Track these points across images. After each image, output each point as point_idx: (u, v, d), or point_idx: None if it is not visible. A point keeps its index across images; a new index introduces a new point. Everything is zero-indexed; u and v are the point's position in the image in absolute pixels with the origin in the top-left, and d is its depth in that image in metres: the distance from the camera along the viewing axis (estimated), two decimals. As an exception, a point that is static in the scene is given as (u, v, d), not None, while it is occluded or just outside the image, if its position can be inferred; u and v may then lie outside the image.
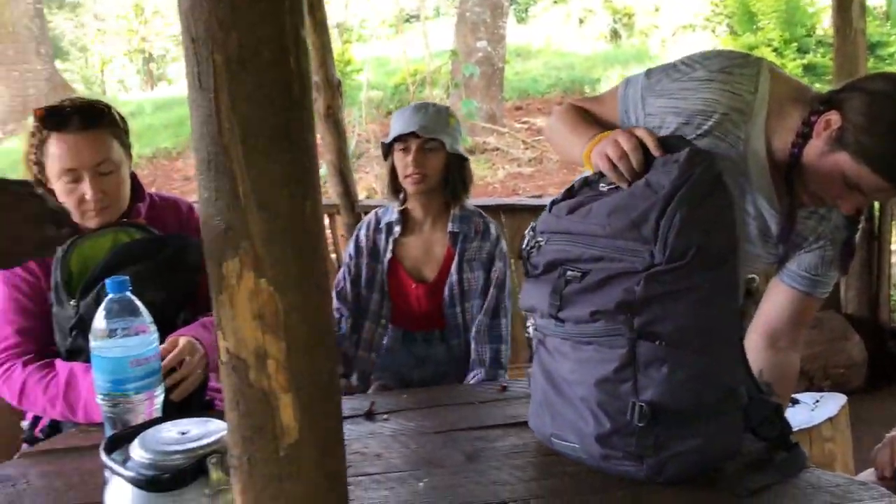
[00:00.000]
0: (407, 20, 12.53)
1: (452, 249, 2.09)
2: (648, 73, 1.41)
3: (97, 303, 1.57)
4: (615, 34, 12.90)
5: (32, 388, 1.55)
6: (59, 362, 1.59)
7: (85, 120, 1.56)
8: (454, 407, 1.50)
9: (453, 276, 2.07)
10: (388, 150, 2.11)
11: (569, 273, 1.20)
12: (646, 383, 1.13)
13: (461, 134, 2.19)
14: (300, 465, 0.73)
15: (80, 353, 1.60)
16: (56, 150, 1.55)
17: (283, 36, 0.68)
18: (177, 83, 14.05)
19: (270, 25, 0.67)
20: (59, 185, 1.58)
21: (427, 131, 2.01)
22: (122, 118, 1.67)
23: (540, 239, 1.28)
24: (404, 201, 2.14)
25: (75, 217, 1.60)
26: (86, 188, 1.56)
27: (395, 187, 2.12)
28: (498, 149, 7.77)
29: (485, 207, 2.29)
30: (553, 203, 1.31)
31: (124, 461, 0.97)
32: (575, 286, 1.19)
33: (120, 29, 15.75)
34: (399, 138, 2.05)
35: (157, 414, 1.20)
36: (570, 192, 1.31)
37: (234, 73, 0.67)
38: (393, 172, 2.11)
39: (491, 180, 7.12)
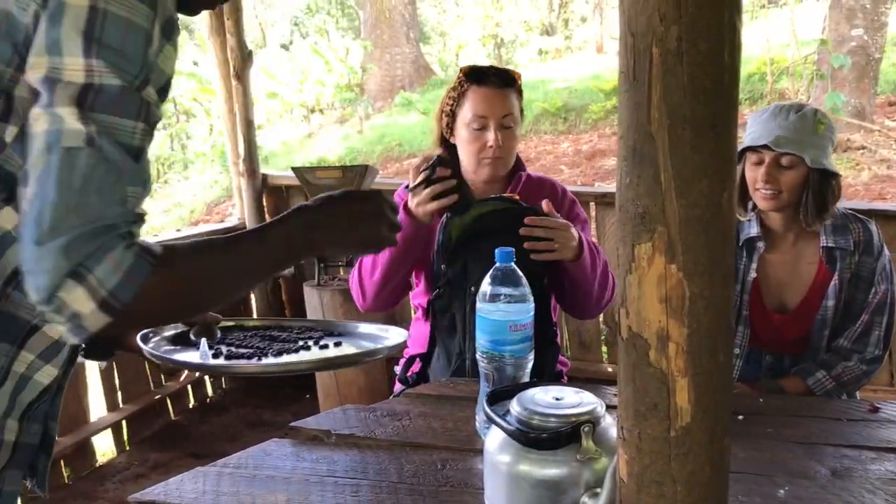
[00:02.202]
0: (763, 6, 11.76)
1: (827, 269, 1.80)
2: None
3: (463, 268, 1.74)
4: None
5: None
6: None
7: (501, 79, 1.87)
8: (817, 420, 1.42)
9: (828, 302, 1.80)
10: (739, 154, 1.85)
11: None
12: None
13: (833, 140, 1.83)
14: (689, 448, 0.75)
15: (439, 309, 1.79)
16: (472, 99, 1.86)
17: (720, 28, 0.69)
18: (523, 68, 14.67)
19: (710, 18, 0.69)
20: (465, 133, 1.88)
21: (783, 144, 1.72)
22: (522, 91, 1.94)
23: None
24: (755, 212, 1.88)
25: (471, 167, 1.89)
26: (489, 136, 1.84)
27: (744, 198, 1.87)
28: (864, 147, 7.01)
29: (853, 211, 1.91)
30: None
31: (504, 415, 1.07)
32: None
33: (477, 15, 16.79)
34: (751, 147, 1.80)
35: (526, 378, 1.30)
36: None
37: (670, 66, 0.70)
38: (743, 181, 1.85)
39: (853, 182, 6.45)
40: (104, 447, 3.40)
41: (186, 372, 3.75)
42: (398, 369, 1.93)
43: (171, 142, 11.68)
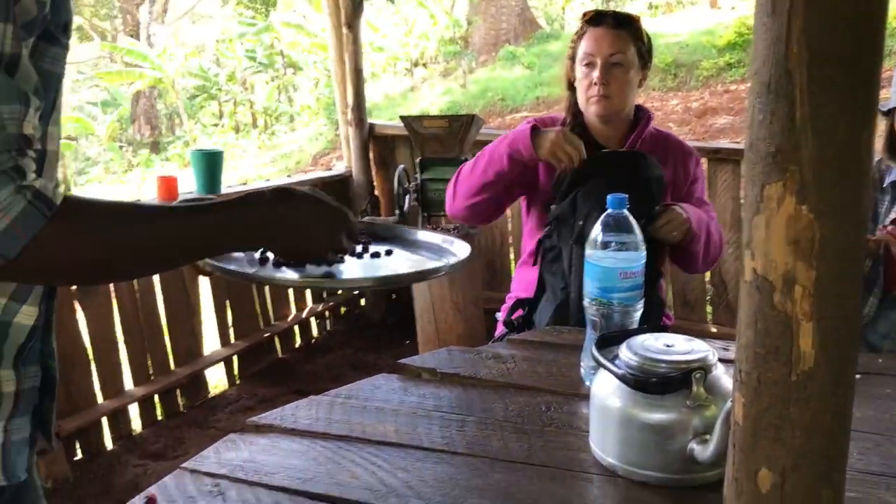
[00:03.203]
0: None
1: None
2: None
3: (573, 203, 1.77)
4: None
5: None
6: None
7: (615, 20, 1.89)
8: (943, 383, 1.36)
9: None
10: (889, 111, 1.93)
11: None
12: None
13: None
14: (810, 393, 0.73)
15: (548, 247, 1.83)
16: (586, 39, 1.91)
17: (869, -40, 0.66)
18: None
19: (859, -51, 0.66)
20: (578, 72, 1.93)
21: None
22: (648, 36, 1.93)
23: None
24: None
25: (582, 106, 1.94)
26: (594, 73, 1.86)
27: (893, 151, 1.97)
28: None
29: None
30: None
31: (613, 359, 1.08)
32: None
33: (589, -34, 16.34)
34: None
35: (635, 325, 1.29)
36: None
37: (813, -2, 0.67)
38: (892, 134, 1.94)
39: None
40: (216, 380, 3.59)
41: (294, 312, 3.90)
42: (499, 315, 1.96)
43: (279, 94, 11.94)
